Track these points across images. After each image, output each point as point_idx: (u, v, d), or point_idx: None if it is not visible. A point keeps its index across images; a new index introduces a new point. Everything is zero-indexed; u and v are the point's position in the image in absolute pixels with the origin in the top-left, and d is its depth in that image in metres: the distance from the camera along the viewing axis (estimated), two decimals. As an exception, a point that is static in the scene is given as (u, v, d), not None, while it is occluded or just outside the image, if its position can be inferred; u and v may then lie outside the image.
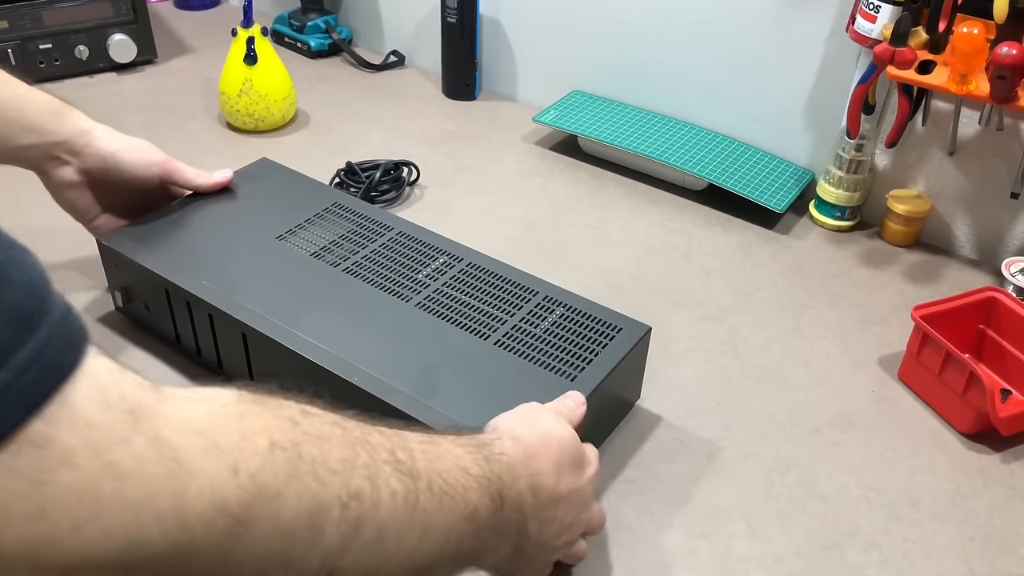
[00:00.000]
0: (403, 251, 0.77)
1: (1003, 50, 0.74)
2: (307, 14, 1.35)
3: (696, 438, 0.73)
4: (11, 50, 1.17)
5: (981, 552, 0.64)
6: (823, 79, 1.01)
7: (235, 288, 0.71)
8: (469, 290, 0.73)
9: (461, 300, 0.72)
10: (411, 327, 0.69)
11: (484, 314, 0.70)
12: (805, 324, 0.86)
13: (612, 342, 0.68)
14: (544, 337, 0.68)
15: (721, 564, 0.63)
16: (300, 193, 0.85)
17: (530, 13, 1.20)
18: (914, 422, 0.76)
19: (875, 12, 0.86)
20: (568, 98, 1.18)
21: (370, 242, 0.78)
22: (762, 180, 1.02)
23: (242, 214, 0.82)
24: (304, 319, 0.69)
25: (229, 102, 1.11)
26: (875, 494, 0.69)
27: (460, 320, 0.70)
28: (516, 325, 0.69)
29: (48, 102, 0.76)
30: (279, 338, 0.67)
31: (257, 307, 0.69)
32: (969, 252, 0.97)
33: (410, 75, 1.32)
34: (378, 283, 0.73)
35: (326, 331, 0.67)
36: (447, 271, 0.75)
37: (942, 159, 0.95)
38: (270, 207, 0.82)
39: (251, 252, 0.76)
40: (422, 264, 0.75)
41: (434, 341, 0.68)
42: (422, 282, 0.73)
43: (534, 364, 0.66)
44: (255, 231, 0.79)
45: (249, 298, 0.70)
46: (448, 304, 0.71)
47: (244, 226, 0.80)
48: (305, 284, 0.73)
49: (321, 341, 0.66)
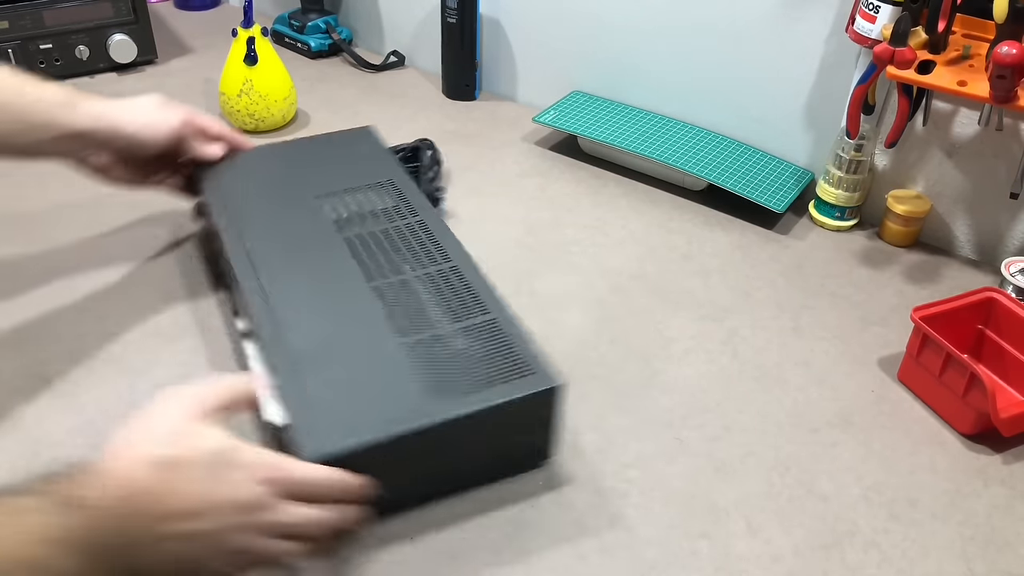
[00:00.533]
0: (408, 238, 0.78)
1: (1003, 49, 0.74)
2: (307, 14, 1.35)
3: (696, 438, 0.73)
4: (11, 50, 1.17)
5: (981, 552, 0.65)
6: (823, 79, 1.01)
7: (247, 228, 0.78)
8: (432, 289, 0.72)
9: (416, 295, 0.71)
10: (350, 305, 0.70)
11: (423, 315, 0.69)
12: (805, 324, 0.86)
13: (507, 384, 0.63)
14: (456, 354, 0.66)
15: (721, 564, 0.63)
16: (371, 164, 0.88)
17: (530, 13, 1.20)
18: (914, 422, 0.76)
19: (875, 12, 0.86)
20: (568, 98, 1.18)
21: (388, 222, 0.80)
22: (762, 180, 1.02)
23: (306, 169, 0.87)
24: (274, 267, 0.74)
25: (229, 102, 1.11)
26: (874, 494, 0.69)
27: (395, 312, 0.69)
28: (442, 334, 0.67)
29: (56, 95, 0.76)
30: (241, 277, 0.73)
31: (253, 247, 0.76)
32: (969, 252, 0.97)
33: (410, 75, 1.32)
34: (360, 258, 0.75)
35: (281, 283, 0.72)
36: (429, 267, 0.75)
37: (942, 159, 0.95)
38: (335, 169, 0.87)
39: (286, 203, 0.82)
40: (415, 255, 0.76)
41: (358, 323, 0.69)
42: (398, 270, 0.74)
43: (418, 373, 0.64)
44: (303, 187, 0.84)
45: (252, 239, 0.77)
46: (400, 295, 0.71)
47: (299, 180, 0.85)
48: (302, 240, 0.77)
49: (271, 290, 0.71)
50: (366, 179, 0.85)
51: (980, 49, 0.84)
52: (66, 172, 0.82)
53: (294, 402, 0.61)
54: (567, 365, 0.79)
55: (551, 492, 0.67)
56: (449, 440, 0.62)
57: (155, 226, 0.94)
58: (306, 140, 0.94)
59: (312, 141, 0.94)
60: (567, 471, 0.69)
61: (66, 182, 1.02)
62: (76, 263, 0.88)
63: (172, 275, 0.88)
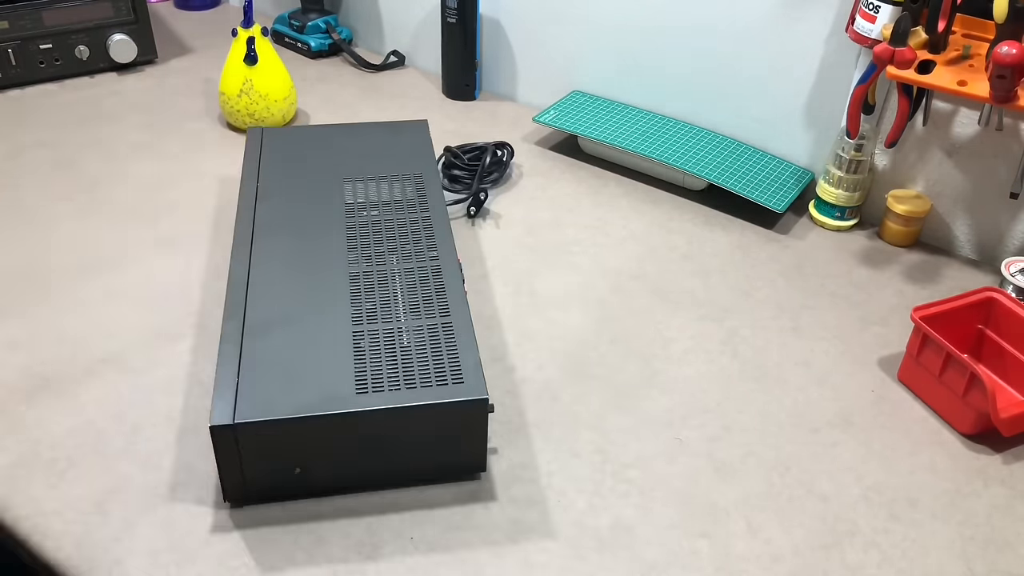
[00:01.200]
0: (407, 232, 0.79)
1: (1003, 49, 0.74)
2: (307, 14, 1.35)
3: (696, 438, 0.73)
4: (11, 50, 1.17)
5: (981, 552, 0.65)
6: (823, 79, 1.01)
7: (264, 197, 0.83)
8: (406, 285, 0.73)
9: (388, 288, 0.72)
10: (323, 285, 0.72)
11: (384, 307, 0.70)
12: (804, 324, 0.86)
13: (433, 389, 0.64)
14: (399, 350, 0.67)
15: (721, 564, 0.63)
16: (409, 155, 0.90)
17: (530, 13, 1.20)
18: (914, 422, 0.76)
19: (875, 12, 0.86)
20: (568, 98, 1.18)
21: (396, 213, 0.81)
22: (762, 180, 1.02)
23: (348, 151, 0.91)
24: (270, 238, 0.77)
25: (229, 102, 1.11)
26: (874, 494, 0.69)
27: (359, 300, 0.71)
28: (394, 329, 0.68)
29: None
30: (235, 242, 0.76)
31: (260, 215, 0.80)
32: (969, 252, 0.97)
33: (410, 75, 1.32)
34: (354, 243, 0.77)
35: (269, 253, 0.75)
36: (412, 263, 0.75)
37: (942, 159, 0.95)
38: (375, 156, 0.90)
39: (313, 180, 0.86)
40: (405, 249, 0.77)
41: (321, 303, 0.70)
42: (385, 261, 0.75)
43: (358, 361, 0.65)
44: (337, 167, 0.88)
45: (263, 208, 0.81)
46: (374, 285, 0.72)
47: (337, 160, 0.89)
48: (308, 215, 0.80)
49: (256, 258, 0.75)
50: (397, 170, 0.88)
51: (980, 49, 0.84)
52: (68, 171, 0.82)
53: (226, 367, 0.63)
54: (567, 365, 0.79)
55: (551, 492, 0.67)
56: (367, 431, 0.63)
57: (154, 226, 0.95)
58: (361, 125, 0.97)
59: (367, 127, 0.96)
60: (567, 471, 0.69)
61: (66, 181, 1.02)
62: (76, 262, 0.88)
63: (173, 275, 0.88)
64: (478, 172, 1.01)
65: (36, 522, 0.62)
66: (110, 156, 1.07)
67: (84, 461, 0.68)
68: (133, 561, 0.60)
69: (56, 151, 1.07)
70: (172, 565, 0.60)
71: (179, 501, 0.65)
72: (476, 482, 0.68)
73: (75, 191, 0.99)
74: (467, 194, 1.00)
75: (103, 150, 1.07)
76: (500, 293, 0.87)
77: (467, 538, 0.63)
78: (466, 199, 1.00)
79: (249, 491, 0.64)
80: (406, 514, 0.65)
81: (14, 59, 1.17)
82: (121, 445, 0.69)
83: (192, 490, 0.66)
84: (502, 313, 0.85)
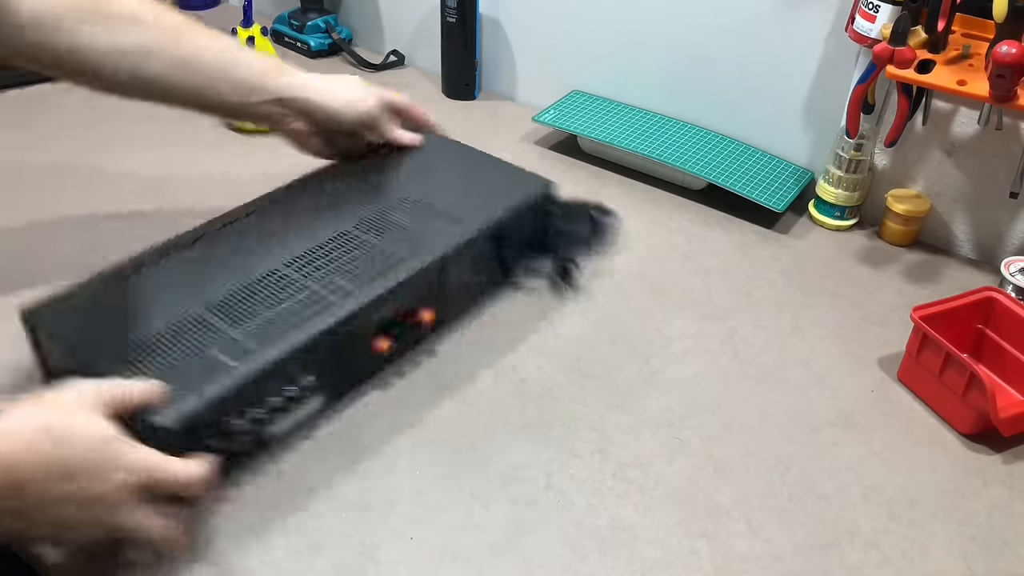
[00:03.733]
0: (388, 265, 0.75)
1: (1002, 49, 0.74)
2: (307, 14, 1.35)
3: (696, 438, 0.73)
4: (11, 50, 1.17)
5: (981, 552, 0.65)
6: (822, 79, 1.01)
7: (283, 197, 0.84)
8: (332, 312, 0.69)
9: (320, 306, 0.70)
10: (270, 284, 0.72)
11: (300, 321, 0.68)
12: (804, 324, 0.86)
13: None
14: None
15: (721, 564, 0.63)
16: (486, 202, 0.84)
17: (530, 13, 1.20)
18: (914, 422, 0.76)
19: (874, 11, 0.86)
20: (568, 98, 1.18)
21: (393, 244, 0.77)
22: (762, 180, 1.02)
23: (429, 174, 0.88)
24: (255, 230, 0.78)
25: (229, 102, 1.11)
26: (874, 494, 0.69)
27: (289, 309, 0.70)
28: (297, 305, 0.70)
29: (265, 63, 0.82)
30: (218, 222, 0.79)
31: (261, 212, 0.81)
32: (968, 252, 0.97)
33: (410, 75, 1.32)
34: (329, 256, 0.75)
35: (242, 240, 0.77)
36: (362, 296, 0.71)
37: (941, 159, 0.95)
38: (446, 185, 0.86)
39: (353, 188, 0.85)
40: (371, 281, 0.73)
41: (256, 299, 0.70)
42: (341, 287, 0.72)
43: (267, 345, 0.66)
44: (398, 185, 0.86)
45: (271, 208, 0.82)
46: (310, 301, 0.70)
47: (408, 179, 0.87)
48: (308, 221, 0.80)
49: (230, 242, 0.77)
50: (456, 211, 0.82)
51: (980, 48, 0.84)
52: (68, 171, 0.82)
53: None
54: (567, 365, 0.79)
55: (551, 492, 0.67)
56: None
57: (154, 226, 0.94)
58: (481, 155, 0.93)
59: (483, 158, 0.93)
60: (567, 471, 0.69)
61: (66, 181, 1.02)
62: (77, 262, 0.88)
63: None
64: (569, 237, 0.87)
65: (36, 522, 0.63)
66: (110, 156, 1.07)
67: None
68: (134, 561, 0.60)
69: (56, 151, 1.07)
70: (174, 564, 0.60)
71: (179, 501, 0.65)
72: (476, 478, 0.68)
73: (75, 191, 0.99)
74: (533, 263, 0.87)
75: (103, 150, 1.07)
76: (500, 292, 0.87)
77: (467, 538, 0.63)
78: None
79: None
80: (406, 514, 0.65)
81: (14, 59, 1.17)
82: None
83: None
84: (502, 312, 0.85)
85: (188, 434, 0.60)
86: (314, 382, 0.69)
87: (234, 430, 0.64)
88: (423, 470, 0.68)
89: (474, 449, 0.70)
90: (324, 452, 0.69)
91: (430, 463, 0.69)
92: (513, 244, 0.85)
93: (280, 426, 0.68)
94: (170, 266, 0.74)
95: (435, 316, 0.77)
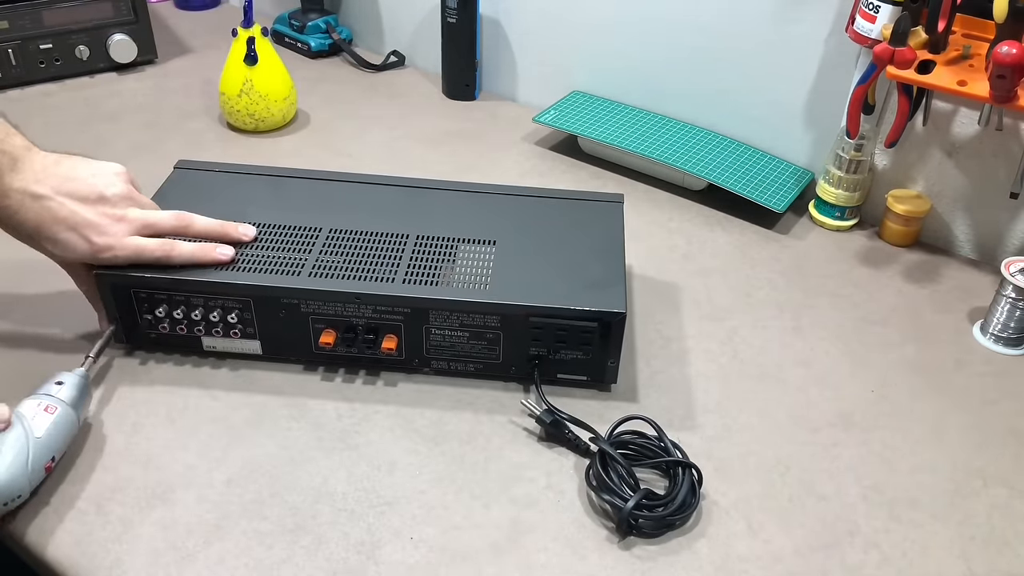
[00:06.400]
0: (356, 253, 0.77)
1: (1003, 49, 0.74)
2: (307, 14, 1.35)
3: (696, 438, 0.73)
4: (11, 50, 1.17)
5: (981, 552, 0.65)
6: (823, 79, 1.01)
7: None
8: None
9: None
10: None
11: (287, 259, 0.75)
12: (805, 324, 0.86)
13: None
14: None
15: (721, 564, 0.63)
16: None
17: (530, 13, 1.20)
18: (914, 422, 0.76)
19: (874, 12, 0.86)
20: (568, 98, 1.18)
21: (414, 247, 0.77)
22: (762, 180, 1.02)
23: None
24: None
25: (229, 102, 1.11)
26: (875, 494, 0.69)
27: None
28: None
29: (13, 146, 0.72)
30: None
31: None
32: (969, 252, 0.97)
33: (410, 75, 1.32)
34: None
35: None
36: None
37: (942, 159, 0.95)
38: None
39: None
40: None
41: None
42: (293, 260, 0.75)
43: None
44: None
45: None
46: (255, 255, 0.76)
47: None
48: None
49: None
50: (504, 276, 0.74)
51: (980, 49, 0.84)
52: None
53: None
54: (567, 365, 0.79)
55: (550, 492, 0.67)
56: None
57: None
58: (616, 248, 0.79)
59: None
60: (567, 471, 0.69)
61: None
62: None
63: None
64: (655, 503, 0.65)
65: (36, 522, 0.62)
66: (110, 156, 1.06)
67: (84, 461, 0.68)
68: (133, 561, 0.60)
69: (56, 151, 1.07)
70: (172, 565, 0.60)
71: (179, 501, 0.65)
72: (476, 478, 0.68)
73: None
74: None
75: (103, 150, 1.07)
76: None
77: (467, 538, 0.63)
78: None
79: None
80: (406, 514, 0.65)
81: (14, 59, 1.17)
82: (121, 445, 0.69)
83: (193, 489, 0.66)
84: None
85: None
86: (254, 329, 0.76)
87: None
88: (423, 470, 0.68)
89: (474, 449, 0.70)
90: (324, 452, 0.69)
91: (430, 463, 0.69)
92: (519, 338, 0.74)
93: (213, 340, 0.77)
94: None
95: (396, 346, 0.74)
